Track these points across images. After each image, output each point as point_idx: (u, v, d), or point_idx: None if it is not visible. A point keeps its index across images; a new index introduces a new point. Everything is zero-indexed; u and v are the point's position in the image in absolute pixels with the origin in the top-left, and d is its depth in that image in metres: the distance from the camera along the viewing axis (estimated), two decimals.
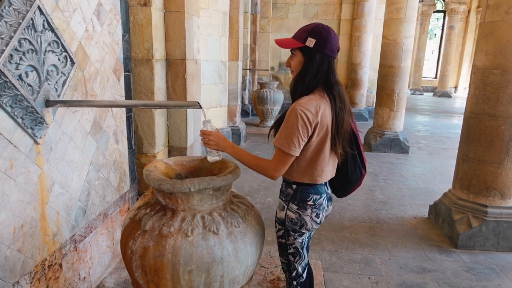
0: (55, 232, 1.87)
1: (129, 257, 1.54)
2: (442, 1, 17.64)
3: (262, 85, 7.99)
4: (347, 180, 1.71)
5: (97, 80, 2.23)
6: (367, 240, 3.14)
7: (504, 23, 2.76)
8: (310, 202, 1.60)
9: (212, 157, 1.66)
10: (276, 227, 1.72)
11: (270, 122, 8.09)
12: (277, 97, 7.89)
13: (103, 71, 2.31)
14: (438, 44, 20.12)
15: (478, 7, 17.31)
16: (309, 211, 1.61)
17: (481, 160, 3.01)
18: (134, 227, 1.56)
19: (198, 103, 1.60)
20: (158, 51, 2.84)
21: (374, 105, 9.76)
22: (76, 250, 2.09)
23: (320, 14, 9.44)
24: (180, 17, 2.90)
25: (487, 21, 2.90)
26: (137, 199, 2.97)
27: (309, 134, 1.47)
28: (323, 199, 1.64)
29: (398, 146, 6.21)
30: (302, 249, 1.68)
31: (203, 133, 1.58)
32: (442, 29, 19.52)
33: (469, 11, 17.93)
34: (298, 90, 1.54)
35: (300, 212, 1.60)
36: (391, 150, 6.21)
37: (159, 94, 2.91)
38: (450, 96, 17.01)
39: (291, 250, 1.69)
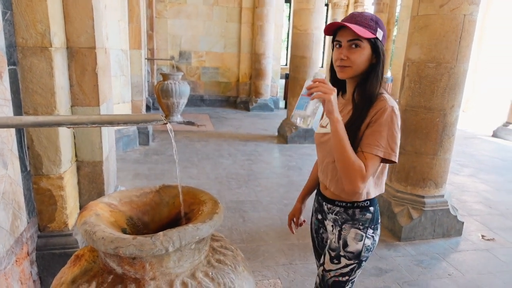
0: None
1: None
2: None
3: (165, 77, 7.24)
4: None
5: None
6: None
7: (439, 17, 2.78)
8: (380, 219, 1.42)
9: (303, 116, 1.14)
10: (338, 263, 1.35)
11: (177, 117, 7.44)
12: (183, 89, 7.25)
13: None
14: (323, 36, 21.55)
15: (356, 1, 18.99)
16: (379, 229, 1.41)
17: (418, 152, 3.05)
18: None
19: (162, 116, 1.08)
20: (57, 36, 2.10)
21: (284, 95, 9.86)
22: None
23: (221, 1, 8.98)
24: None
25: (421, 14, 2.89)
26: (38, 236, 2.21)
27: None
28: None
29: (312, 137, 6.26)
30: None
31: (318, 81, 1.12)
32: (326, 22, 20.93)
33: (348, 5, 19.53)
34: (377, 88, 1.26)
35: (375, 235, 1.38)
36: (305, 141, 6.24)
37: (62, 95, 2.17)
38: None
39: (348, 286, 1.39)
